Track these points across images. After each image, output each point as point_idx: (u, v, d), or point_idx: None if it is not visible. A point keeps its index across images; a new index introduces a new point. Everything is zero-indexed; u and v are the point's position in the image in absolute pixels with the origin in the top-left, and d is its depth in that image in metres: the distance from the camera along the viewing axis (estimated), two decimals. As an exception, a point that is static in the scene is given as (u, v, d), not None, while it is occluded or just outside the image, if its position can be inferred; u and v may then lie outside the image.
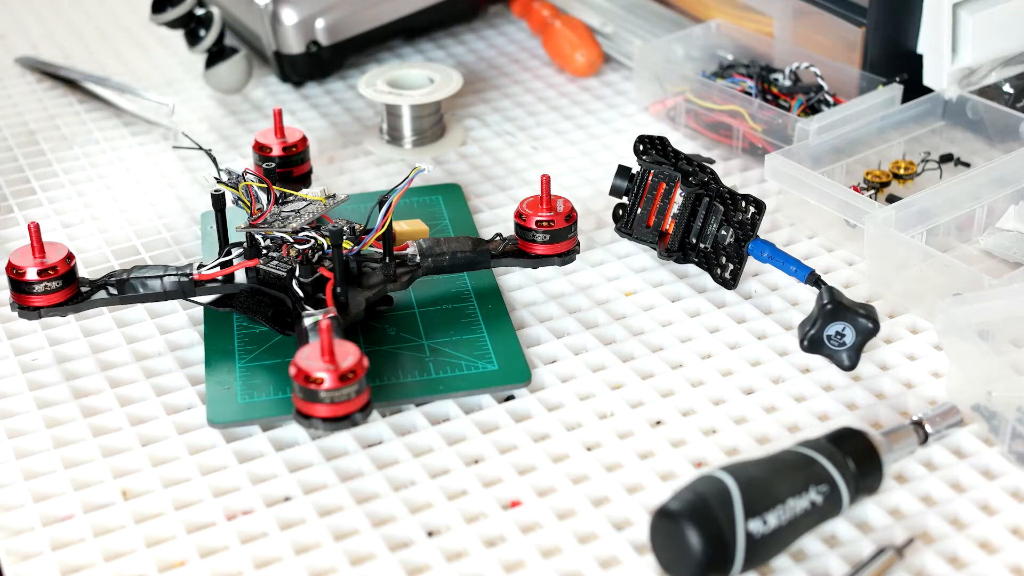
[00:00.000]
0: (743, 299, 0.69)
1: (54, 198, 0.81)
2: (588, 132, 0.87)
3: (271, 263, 0.65)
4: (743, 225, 0.68)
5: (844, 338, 0.62)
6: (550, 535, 0.54)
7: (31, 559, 0.54)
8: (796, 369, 0.64)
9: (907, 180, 0.77)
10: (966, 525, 0.54)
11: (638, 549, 0.53)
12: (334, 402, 0.55)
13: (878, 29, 0.82)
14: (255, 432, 0.60)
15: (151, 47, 1.01)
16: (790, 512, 0.51)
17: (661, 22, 0.96)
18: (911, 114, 0.80)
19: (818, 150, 0.76)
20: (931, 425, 0.57)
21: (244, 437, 0.60)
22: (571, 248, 0.68)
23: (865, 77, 0.82)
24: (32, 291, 0.64)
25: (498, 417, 0.61)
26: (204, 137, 0.87)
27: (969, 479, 0.57)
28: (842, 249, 0.73)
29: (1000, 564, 0.52)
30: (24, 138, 0.88)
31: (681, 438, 0.60)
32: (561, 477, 0.57)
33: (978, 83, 0.81)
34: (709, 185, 0.69)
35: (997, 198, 0.72)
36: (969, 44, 0.79)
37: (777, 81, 0.84)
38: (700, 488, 0.50)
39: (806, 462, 0.52)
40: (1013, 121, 0.78)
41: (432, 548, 0.54)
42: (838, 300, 0.62)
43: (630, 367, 0.64)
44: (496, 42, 1.00)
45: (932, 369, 0.64)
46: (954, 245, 0.72)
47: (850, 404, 0.62)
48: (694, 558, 0.49)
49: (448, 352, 0.64)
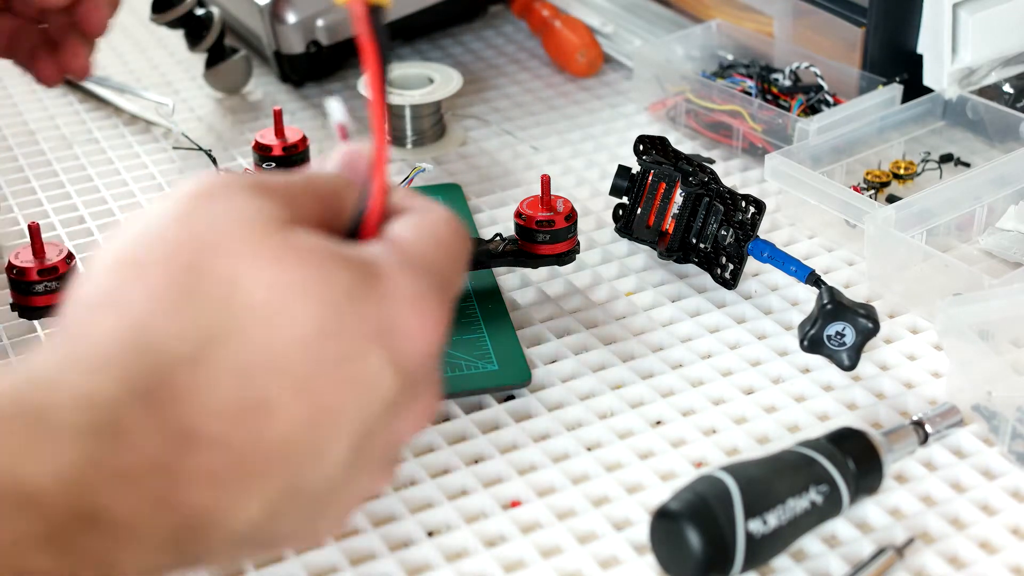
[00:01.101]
0: (743, 299, 0.69)
1: (54, 197, 0.81)
2: (588, 132, 0.87)
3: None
4: (743, 225, 0.68)
5: (844, 338, 0.62)
6: (550, 535, 0.54)
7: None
8: (796, 369, 0.64)
9: (907, 180, 0.77)
10: (966, 525, 0.54)
11: (638, 549, 0.53)
12: None
13: (878, 29, 0.82)
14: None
15: (150, 47, 1.01)
16: (790, 512, 0.51)
17: (661, 22, 0.96)
18: (911, 114, 0.80)
19: (818, 150, 0.76)
20: (931, 425, 0.57)
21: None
22: (571, 248, 0.68)
23: (865, 77, 0.82)
24: (32, 291, 0.63)
25: (498, 417, 0.61)
26: (203, 137, 0.87)
27: (969, 479, 0.57)
28: (842, 249, 0.73)
29: (1000, 564, 0.52)
30: (24, 138, 0.88)
31: (681, 438, 0.60)
32: (561, 477, 0.57)
33: (978, 83, 0.81)
34: (709, 185, 0.69)
35: (997, 198, 0.72)
36: (969, 44, 0.79)
37: (777, 81, 0.84)
38: (700, 488, 0.50)
39: (806, 462, 0.52)
40: (1013, 121, 0.78)
41: (432, 548, 0.54)
42: (838, 300, 0.62)
43: (630, 367, 0.64)
44: (496, 42, 1.00)
45: (932, 369, 0.64)
46: (954, 245, 0.72)
47: (850, 404, 0.61)
48: (694, 558, 0.49)
49: (448, 352, 0.64)
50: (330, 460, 0.37)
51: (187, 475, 0.34)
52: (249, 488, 0.35)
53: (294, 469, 0.36)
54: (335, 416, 0.36)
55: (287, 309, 0.35)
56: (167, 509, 0.34)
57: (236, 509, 0.35)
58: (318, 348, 0.36)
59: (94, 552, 0.33)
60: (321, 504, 0.38)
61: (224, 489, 0.35)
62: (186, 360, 0.35)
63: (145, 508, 0.34)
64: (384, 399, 0.37)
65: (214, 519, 0.35)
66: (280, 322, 0.35)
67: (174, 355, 0.35)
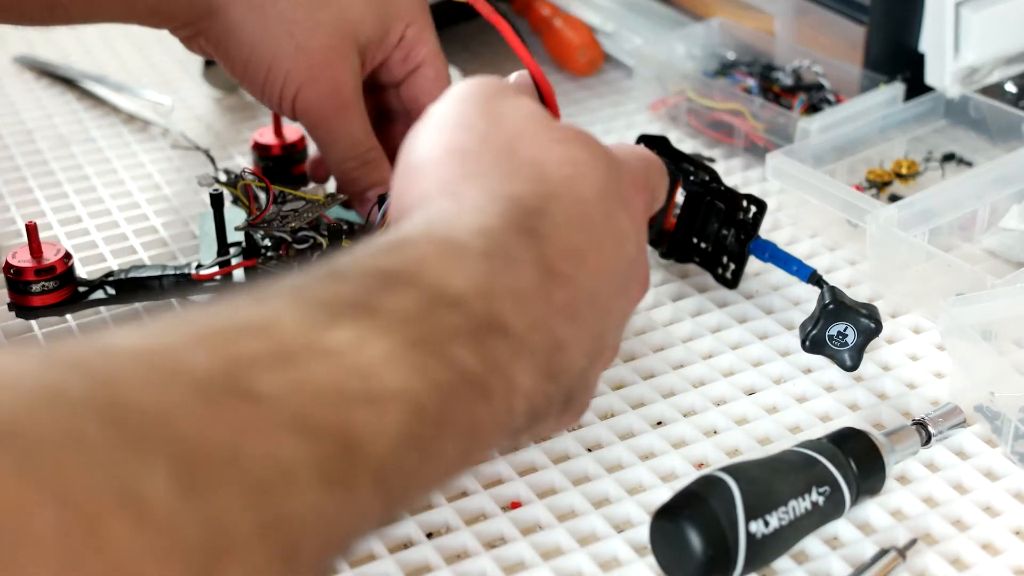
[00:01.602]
0: (744, 299, 0.69)
1: (51, 196, 0.81)
2: (588, 131, 0.86)
3: (270, 263, 0.64)
4: (744, 224, 0.67)
5: (846, 338, 0.62)
6: (550, 536, 0.54)
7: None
8: (798, 369, 0.63)
9: (909, 179, 0.77)
10: (969, 526, 0.54)
11: (638, 550, 0.53)
12: None
13: (880, 27, 0.81)
14: (253, 432, 0.60)
15: (149, 46, 1.00)
16: (792, 513, 0.50)
17: (662, 20, 0.95)
18: (913, 113, 0.79)
19: (820, 149, 0.75)
20: (933, 426, 0.57)
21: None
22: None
23: (867, 76, 0.82)
24: (30, 291, 0.63)
25: (498, 417, 0.61)
26: (202, 136, 0.87)
27: (972, 480, 0.56)
28: (844, 249, 0.73)
29: (1003, 566, 0.52)
30: (21, 137, 0.88)
31: (682, 439, 0.59)
32: (561, 478, 0.57)
33: (981, 82, 0.81)
34: (710, 184, 0.68)
35: (1000, 197, 0.72)
36: (972, 43, 0.79)
37: (778, 79, 0.84)
38: (701, 489, 0.50)
39: (808, 463, 0.52)
40: (1016, 120, 0.77)
41: (431, 549, 0.53)
42: (840, 300, 0.62)
43: (631, 367, 0.64)
44: (496, 41, 1.00)
45: (935, 369, 0.63)
46: (957, 245, 0.72)
47: (852, 404, 0.61)
48: (695, 559, 0.48)
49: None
50: (609, 309, 0.45)
51: (554, 305, 0.41)
52: (582, 328, 0.42)
53: (598, 316, 0.44)
54: (610, 269, 0.44)
55: (583, 177, 0.44)
56: (544, 331, 0.41)
57: (579, 343, 0.42)
58: (603, 206, 0.44)
59: (500, 358, 0.39)
60: (599, 360, 0.46)
61: (574, 324, 0.42)
62: (538, 211, 0.42)
63: (531, 327, 0.40)
64: (628, 255, 0.45)
65: (570, 349, 0.42)
66: (581, 186, 0.44)
67: (530, 206, 0.42)
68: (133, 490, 0.29)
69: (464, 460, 0.40)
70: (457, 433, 0.38)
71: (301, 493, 0.32)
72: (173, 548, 0.29)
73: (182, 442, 0.30)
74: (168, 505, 0.29)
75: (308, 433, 0.33)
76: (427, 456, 0.37)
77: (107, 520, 0.28)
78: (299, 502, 0.32)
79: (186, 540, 0.29)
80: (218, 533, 0.30)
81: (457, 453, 0.38)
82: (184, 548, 0.29)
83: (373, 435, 0.35)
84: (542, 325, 0.41)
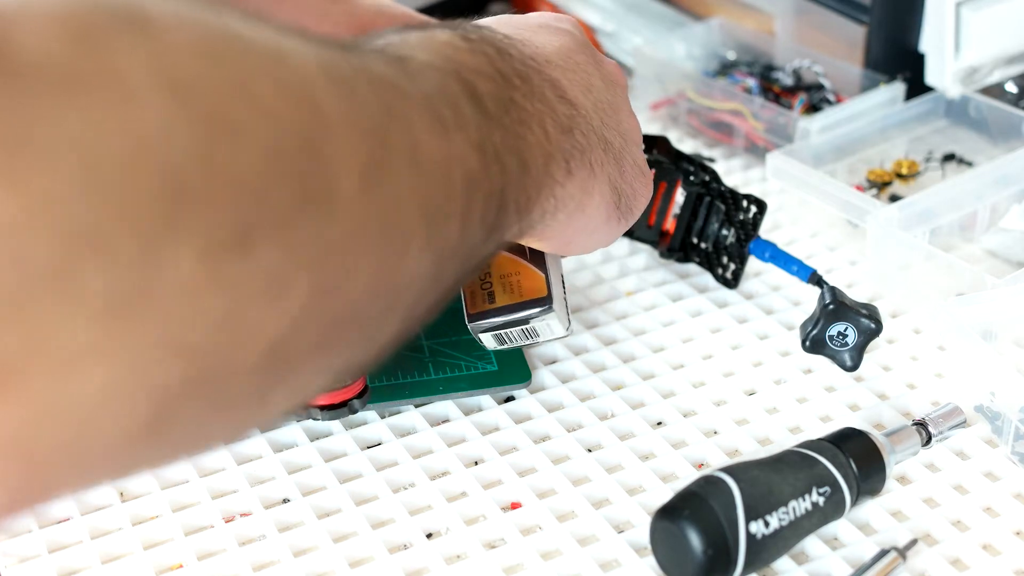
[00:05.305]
0: (745, 299, 0.69)
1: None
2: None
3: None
4: (744, 224, 0.67)
5: (846, 338, 0.62)
6: (550, 537, 0.54)
7: (28, 561, 0.54)
8: (798, 370, 0.63)
9: (909, 179, 0.77)
10: (969, 527, 0.54)
11: (639, 551, 0.53)
12: (331, 389, 0.56)
13: (880, 27, 0.81)
14: (253, 433, 0.60)
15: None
16: (792, 513, 0.50)
17: (662, 20, 0.95)
18: (913, 113, 0.79)
19: (820, 149, 0.75)
20: (934, 426, 0.57)
21: (242, 438, 0.60)
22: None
23: (867, 76, 0.82)
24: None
25: (498, 418, 0.61)
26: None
27: (972, 481, 0.56)
28: (844, 249, 0.73)
29: (1003, 566, 0.52)
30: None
31: (682, 439, 0.59)
32: (561, 478, 0.57)
33: (981, 82, 0.81)
34: (710, 184, 0.68)
35: (1000, 197, 0.72)
36: (972, 42, 0.79)
37: (779, 79, 0.84)
38: (701, 489, 0.50)
39: (808, 463, 0.52)
40: (1016, 120, 0.77)
41: (431, 550, 0.53)
42: (840, 300, 0.62)
43: (631, 367, 0.64)
44: (496, 41, 1.00)
45: (935, 370, 0.63)
46: (957, 245, 0.72)
47: (852, 405, 0.61)
48: (695, 560, 0.48)
49: (448, 352, 0.64)
50: (616, 109, 0.53)
51: (566, 81, 0.50)
52: (573, 81, 0.51)
53: (600, 115, 0.51)
54: (593, 87, 0.52)
55: (584, 65, 0.53)
56: (548, 83, 0.48)
57: (589, 109, 0.50)
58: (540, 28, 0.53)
59: (519, 114, 0.44)
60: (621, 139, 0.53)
61: (583, 93, 0.50)
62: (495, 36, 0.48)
63: (547, 94, 0.47)
64: (579, 41, 0.53)
65: (585, 113, 0.49)
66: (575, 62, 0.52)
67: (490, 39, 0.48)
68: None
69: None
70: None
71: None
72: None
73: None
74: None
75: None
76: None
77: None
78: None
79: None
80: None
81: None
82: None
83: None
84: (557, 87, 0.48)
